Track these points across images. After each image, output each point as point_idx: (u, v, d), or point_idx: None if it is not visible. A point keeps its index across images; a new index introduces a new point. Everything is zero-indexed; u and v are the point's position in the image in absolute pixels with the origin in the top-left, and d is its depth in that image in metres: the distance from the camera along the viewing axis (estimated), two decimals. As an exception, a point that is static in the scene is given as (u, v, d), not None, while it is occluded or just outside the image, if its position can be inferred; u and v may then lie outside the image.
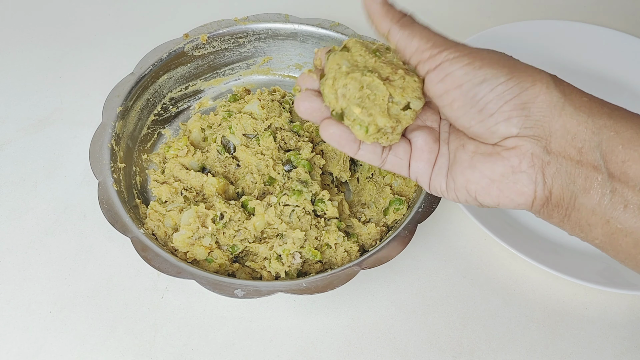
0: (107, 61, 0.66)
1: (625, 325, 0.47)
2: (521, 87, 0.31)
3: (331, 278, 0.42)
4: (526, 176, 0.32)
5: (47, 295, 0.47)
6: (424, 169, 0.36)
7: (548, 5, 0.77)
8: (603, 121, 0.31)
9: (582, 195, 0.31)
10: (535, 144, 0.31)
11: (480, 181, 0.33)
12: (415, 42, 0.33)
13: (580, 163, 0.31)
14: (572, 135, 0.31)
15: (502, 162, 0.32)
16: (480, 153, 0.34)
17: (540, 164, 0.32)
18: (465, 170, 0.34)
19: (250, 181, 0.51)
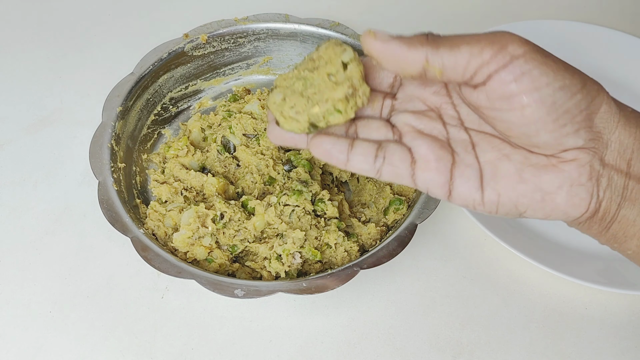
0: (107, 61, 0.66)
1: (625, 325, 0.47)
2: (591, 97, 0.29)
3: (331, 278, 0.42)
4: (584, 189, 0.30)
5: (47, 295, 0.47)
6: (435, 179, 0.32)
7: (548, 5, 0.77)
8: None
9: (626, 206, 0.31)
10: (593, 156, 0.30)
11: (533, 195, 0.31)
12: (464, 49, 0.28)
13: (628, 175, 0.31)
14: (624, 148, 0.30)
15: (560, 174, 0.30)
16: (532, 165, 0.31)
17: (596, 177, 0.30)
18: (516, 184, 0.31)
19: (250, 181, 0.51)
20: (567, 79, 0.28)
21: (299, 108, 0.33)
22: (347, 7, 0.75)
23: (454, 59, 0.28)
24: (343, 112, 0.33)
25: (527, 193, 0.31)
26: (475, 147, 0.33)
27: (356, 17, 0.73)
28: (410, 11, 0.75)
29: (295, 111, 0.33)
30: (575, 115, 0.29)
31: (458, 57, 0.28)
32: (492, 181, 0.32)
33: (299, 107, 0.33)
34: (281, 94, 0.34)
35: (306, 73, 0.34)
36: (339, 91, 0.33)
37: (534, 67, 0.28)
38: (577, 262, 0.50)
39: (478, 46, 0.28)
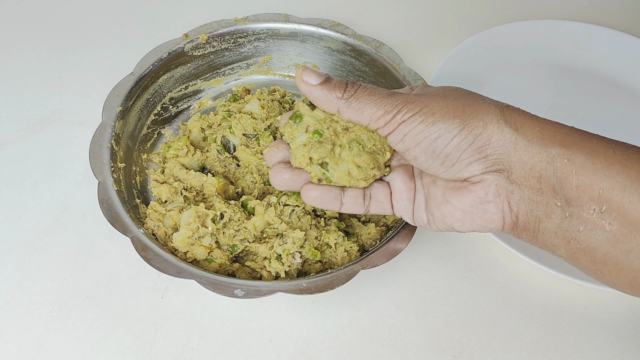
0: (107, 61, 0.66)
1: (625, 325, 0.47)
2: (474, 135, 0.33)
3: (331, 278, 0.42)
4: (493, 205, 0.35)
5: (47, 295, 0.47)
6: (406, 207, 0.40)
7: (548, 5, 0.77)
8: (555, 150, 0.32)
9: (545, 219, 0.34)
10: (498, 176, 0.34)
11: (454, 213, 0.36)
12: (366, 114, 0.35)
13: (540, 191, 0.33)
14: (530, 167, 0.33)
15: (469, 194, 0.35)
16: (450, 188, 0.36)
17: (505, 193, 0.34)
18: (440, 205, 0.37)
19: (250, 181, 0.51)
20: (442, 129, 0.33)
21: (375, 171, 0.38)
22: (347, 7, 0.75)
23: (358, 118, 0.36)
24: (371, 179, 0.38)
25: (449, 212, 0.37)
26: (421, 173, 0.39)
27: (356, 17, 0.73)
28: (410, 11, 0.75)
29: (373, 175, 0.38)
30: (460, 154, 0.34)
31: (361, 118, 0.35)
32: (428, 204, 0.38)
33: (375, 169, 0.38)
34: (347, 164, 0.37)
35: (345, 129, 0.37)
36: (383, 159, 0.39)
37: (413, 127, 0.34)
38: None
39: (377, 114, 0.35)
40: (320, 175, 0.37)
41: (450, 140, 0.34)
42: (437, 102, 0.34)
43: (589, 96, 0.65)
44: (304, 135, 0.37)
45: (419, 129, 0.34)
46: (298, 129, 0.37)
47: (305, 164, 0.37)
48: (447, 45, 0.68)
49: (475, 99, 0.35)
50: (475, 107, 0.34)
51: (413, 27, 0.73)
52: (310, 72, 0.36)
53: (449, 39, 0.70)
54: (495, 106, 0.34)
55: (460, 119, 0.33)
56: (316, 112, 0.37)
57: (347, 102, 0.35)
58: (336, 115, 0.37)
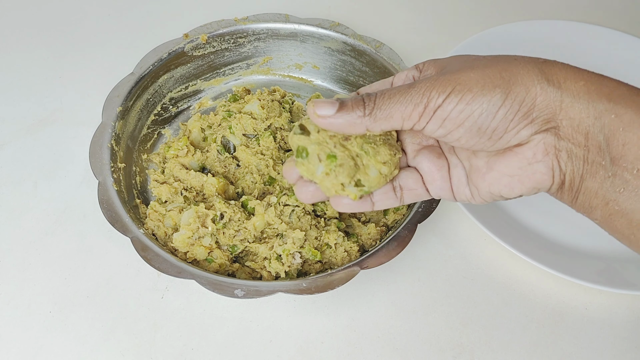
0: (107, 61, 0.66)
1: (625, 325, 0.47)
2: (519, 102, 0.31)
3: (331, 278, 0.42)
4: (543, 165, 0.33)
5: (47, 295, 0.47)
6: (442, 186, 0.37)
7: (548, 5, 0.77)
8: (603, 105, 0.31)
9: (588, 178, 0.32)
10: (545, 135, 0.32)
11: (501, 180, 0.34)
12: (397, 117, 0.33)
13: (587, 148, 0.32)
14: (577, 123, 0.31)
15: (516, 157, 0.33)
16: (494, 155, 0.34)
17: (553, 151, 0.32)
18: (484, 175, 0.35)
19: (250, 181, 0.51)
20: (485, 103, 0.31)
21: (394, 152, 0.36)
22: (347, 7, 0.75)
23: (391, 124, 0.33)
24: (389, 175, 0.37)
25: (495, 180, 0.34)
26: (454, 148, 0.37)
27: (356, 17, 0.73)
28: (410, 11, 0.75)
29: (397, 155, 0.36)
30: (507, 126, 0.32)
31: (394, 123, 0.33)
32: (471, 177, 0.36)
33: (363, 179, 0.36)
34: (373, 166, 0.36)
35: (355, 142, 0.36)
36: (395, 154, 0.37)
37: (452, 109, 0.31)
38: (577, 262, 0.50)
39: (407, 111, 0.32)
40: (359, 193, 0.36)
41: (495, 113, 0.31)
42: (468, 75, 0.32)
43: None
44: (320, 166, 0.35)
45: (459, 108, 0.31)
46: (311, 162, 0.35)
47: (341, 190, 0.36)
48: (447, 45, 0.68)
49: (509, 61, 0.32)
50: (512, 71, 0.32)
51: (413, 27, 0.73)
52: (321, 104, 0.34)
53: (449, 39, 0.70)
54: (533, 64, 0.32)
55: (501, 87, 0.31)
56: (313, 136, 0.36)
57: (372, 116, 0.33)
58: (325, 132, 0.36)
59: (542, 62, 0.32)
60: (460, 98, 0.31)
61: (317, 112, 0.33)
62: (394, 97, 0.33)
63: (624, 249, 0.51)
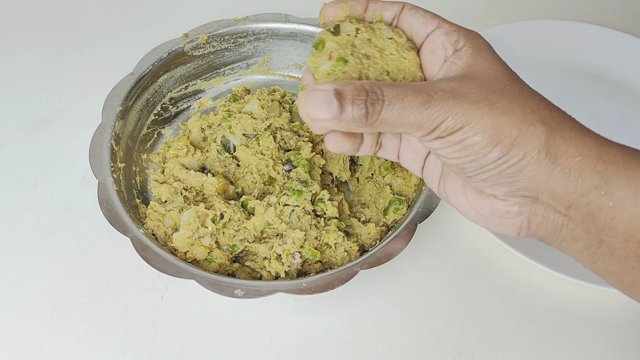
0: (107, 61, 0.66)
1: (625, 325, 0.47)
2: (509, 164, 0.30)
3: (331, 278, 0.42)
4: (511, 222, 0.33)
5: (47, 295, 0.47)
6: (410, 165, 0.38)
7: (548, 5, 0.77)
8: (593, 182, 0.30)
9: (569, 241, 0.32)
10: (523, 200, 0.32)
11: (468, 210, 0.35)
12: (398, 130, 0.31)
13: (568, 217, 0.31)
14: (560, 196, 0.31)
15: (490, 205, 0.33)
16: (472, 188, 0.34)
17: (527, 214, 0.33)
18: (457, 194, 0.35)
19: (250, 181, 0.51)
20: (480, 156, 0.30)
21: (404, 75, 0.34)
22: (347, 7, 0.75)
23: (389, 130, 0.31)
24: None
25: (463, 206, 0.35)
26: None
27: (356, 17, 0.73)
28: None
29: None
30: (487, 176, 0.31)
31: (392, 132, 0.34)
32: (445, 183, 0.36)
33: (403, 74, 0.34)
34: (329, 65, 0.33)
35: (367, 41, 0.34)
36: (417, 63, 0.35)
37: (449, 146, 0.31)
38: (577, 262, 0.50)
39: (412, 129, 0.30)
40: None
41: (483, 167, 0.31)
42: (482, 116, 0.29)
43: (588, 96, 0.65)
44: (327, 63, 0.33)
45: (458, 147, 0.30)
46: (321, 56, 0.33)
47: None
48: (447, 45, 0.68)
49: (525, 114, 0.30)
50: (521, 131, 0.30)
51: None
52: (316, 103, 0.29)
53: (449, 39, 0.70)
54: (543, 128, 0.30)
55: (502, 146, 0.30)
56: (340, 37, 0.34)
57: (374, 126, 0.30)
58: (357, 38, 0.34)
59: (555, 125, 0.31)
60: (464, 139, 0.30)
61: (310, 114, 0.30)
62: (404, 114, 0.29)
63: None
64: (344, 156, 0.53)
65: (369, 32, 0.34)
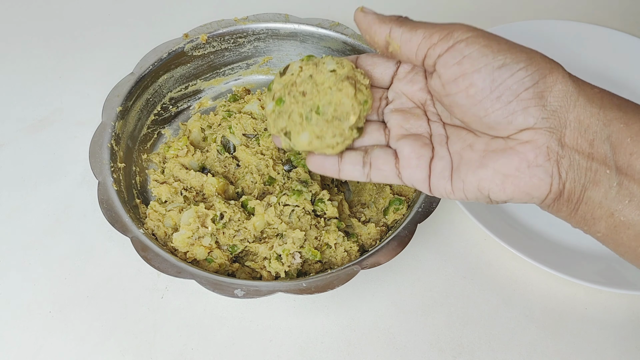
0: (107, 61, 0.66)
1: (625, 325, 0.47)
2: (540, 74, 0.30)
3: (331, 278, 0.42)
4: (543, 170, 0.31)
5: (47, 295, 0.47)
6: (418, 175, 0.36)
7: (548, 5, 0.77)
8: (614, 113, 0.30)
9: (591, 188, 0.31)
10: (550, 137, 0.31)
11: (493, 178, 0.33)
12: (419, 31, 0.32)
13: (591, 156, 0.31)
14: (585, 127, 0.31)
15: (517, 156, 0.32)
16: (492, 150, 0.33)
17: (555, 158, 0.31)
18: (476, 169, 0.33)
19: (250, 181, 0.51)
20: (509, 58, 0.30)
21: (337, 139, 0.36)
22: (347, 7, 0.75)
23: (410, 36, 0.33)
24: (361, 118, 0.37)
25: (487, 177, 0.33)
26: (448, 140, 0.36)
27: (356, 17, 0.73)
28: (410, 11, 0.75)
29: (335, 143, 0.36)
30: (520, 92, 0.30)
31: (413, 36, 0.32)
32: (457, 170, 0.34)
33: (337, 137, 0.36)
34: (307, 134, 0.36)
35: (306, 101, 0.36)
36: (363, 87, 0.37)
37: (474, 49, 0.30)
38: (577, 262, 0.50)
39: (431, 30, 0.32)
40: (285, 146, 0.37)
41: (515, 72, 0.30)
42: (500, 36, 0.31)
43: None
44: (271, 104, 0.38)
45: (482, 52, 0.30)
46: (269, 96, 0.38)
47: (276, 132, 0.38)
48: (447, 45, 0.68)
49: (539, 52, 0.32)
50: (540, 54, 0.31)
51: (413, 27, 0.73)
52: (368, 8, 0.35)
53: (449, 39, 0.70)
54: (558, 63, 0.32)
55: (527, 55, 0.30)
56: (284, 78, 0.37)
57: (400, 22, 0.33)
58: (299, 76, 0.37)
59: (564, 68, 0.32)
60: (487, 43, 0.30)
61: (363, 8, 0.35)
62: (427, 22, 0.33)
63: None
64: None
65: (311, 68, 0.37)
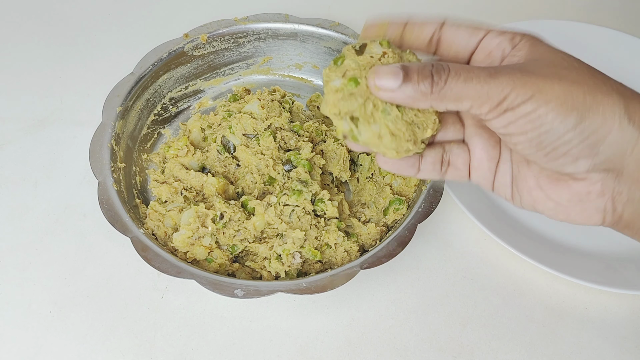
0: (107, 61, 0.66)
1: (625, 325, 0.47)
2: (590, 131, 0.29)
3: (331, 278, 0.42)
4: (594, 206, 0.31)
5: (47, 295, 0.47)
6: (486, 177, 0.36)
7: (548, 5, 0.77)
8: None
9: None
10: (605, 175, 0.31)
11: (546, 203, 0.33)
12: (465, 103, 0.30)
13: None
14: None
15: (569, 190, 0.32)
16: (547, 176, 0.33)
17: (610, 193, 0.31)
18: (531, 190, 0.33)
19: (250, 181, 0.51)
20: (557, 122, 0.29)
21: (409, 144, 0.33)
22: (347, 7, 0.75)
23: (456, 108, 0.31)
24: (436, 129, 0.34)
25: (541, 200, 0.33)
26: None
27: (356, 17, 0.73)
28: (410, 11, 0.75)
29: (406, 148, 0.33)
30: (568, 149, 0.30)
31: (460, 107, 0.30)
32: (516, 183, 0.35)
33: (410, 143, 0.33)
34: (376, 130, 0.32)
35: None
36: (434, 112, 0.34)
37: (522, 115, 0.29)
38: (577, 262, 0.50)
39: (478, 102, 0.30)
40: (346, 131, 0.32)
41: (562, 135, 0.29)
42: (552, 86, 0.29)
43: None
44: (339, 80, 0.32)
45: (530, 118, 0.29)
46: (336, 71, 0.33)
47: (334, 114, 0.32)
48: (447, 45, 0.68)
49: (597, 84, 0.30)
50: (597, 98, 0.29)
51: (413, 27, 0.73)
52: (383, 73, 0.30)
53: (449, 39, 0.70)
54: (619, 96, 0.30)
55: (578, 111, 0.29)
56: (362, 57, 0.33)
57: (439, 96, 0.30)
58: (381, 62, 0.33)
59: (629, 95, 0.30)
60: (535, 108, 0.29)
61: (377, 83, 0.31)
62: (469, 83, 0.29)
63: (624, 249, 0.52)
64: (344, 156, 0.53)
65: (396, 59, 0.33)
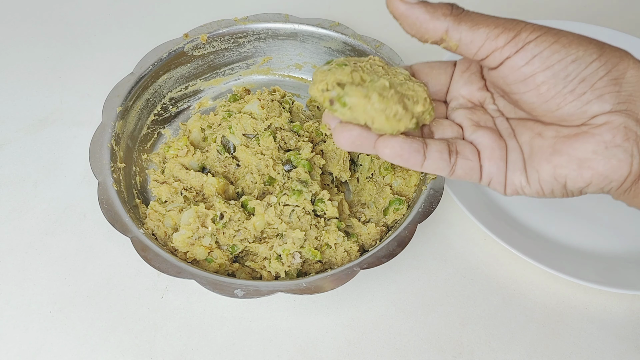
0: (107, 61, 0.66)
1: (625, 325, 0.47)
2: (612, 63, 0.30)
3: (331, 278, 0.42)
4: (622, 150, 0.30)
5: (47, 295, 0.47)
6: (499, 167, 0.34)
7: (548, 5, 0.77)
8: None
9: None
10: (627, 117, 0.30)
11: (569, 164, 0.32)
12: (482, 31, 0.30)
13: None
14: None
15: (592, 139, 0.31)
16: (564, 136, 0.32)
17: (634, 137, 0.30)
18: (550, 157, 0.32)
19: (250, 181, 0.51)
20: (581, 51, 0.29)
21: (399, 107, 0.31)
22: (347, 7, 0.75)
23: (472, 37, 0.30)
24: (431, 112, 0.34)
25: (563, 163, 0.32)
26: (514, 132, 0.35)
27: (356, 17, 0.73)
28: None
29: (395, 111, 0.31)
30: (594, 82, 0.30)
31: (475, 36, 0.30)
32: (530, 160, 0.33)
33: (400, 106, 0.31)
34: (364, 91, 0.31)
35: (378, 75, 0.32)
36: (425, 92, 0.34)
37: (545, 47, 0.29)
38: (577, 262, 0.50)
39: (496, 31, 0.30)
40: (333, 96, 0.31)
41: (588, 64, 0.29)
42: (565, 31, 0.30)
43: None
44: (327, 65, 0.33)
45: (554, 48, 0.29)
46: (324, 66, 0.33)
47: (321, 91, 0.31)
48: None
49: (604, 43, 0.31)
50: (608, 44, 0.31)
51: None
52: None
53: (449, 39, 0.70)
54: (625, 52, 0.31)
55: (596, 46, 0.30)
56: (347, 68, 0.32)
57: (458, 18, 0.30)
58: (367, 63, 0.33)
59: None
60: (556, 40, 0.29)
61: None
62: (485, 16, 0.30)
63: (624, 249, 0.52)
64: (344, 156, 0.53)
65: (384, 64, 0.34)
